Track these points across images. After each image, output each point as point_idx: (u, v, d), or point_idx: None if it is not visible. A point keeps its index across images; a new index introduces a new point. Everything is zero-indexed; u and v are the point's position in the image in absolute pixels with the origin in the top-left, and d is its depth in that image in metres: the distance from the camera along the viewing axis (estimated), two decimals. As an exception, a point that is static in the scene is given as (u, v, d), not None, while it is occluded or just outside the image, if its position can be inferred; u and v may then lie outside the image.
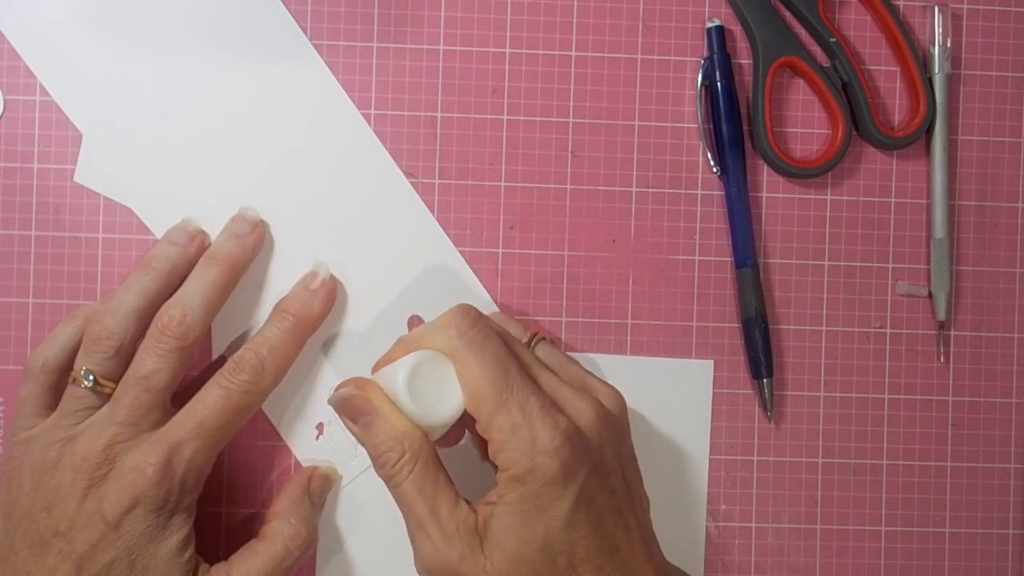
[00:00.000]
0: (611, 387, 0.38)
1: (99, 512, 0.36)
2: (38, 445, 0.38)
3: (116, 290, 0.40)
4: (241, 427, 0.39)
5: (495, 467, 0.35)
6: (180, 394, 0.39)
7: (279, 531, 0.39)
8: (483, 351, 0.35)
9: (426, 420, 0.35)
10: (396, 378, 0.35)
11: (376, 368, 0.38)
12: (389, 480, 0.36)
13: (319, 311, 0.41)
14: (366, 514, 0.43)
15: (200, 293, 0.39)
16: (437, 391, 0.35)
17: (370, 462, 0.43)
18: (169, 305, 0.38)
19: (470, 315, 0.36)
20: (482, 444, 0.37)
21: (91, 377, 0.38)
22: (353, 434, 0.37)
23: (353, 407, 0.36)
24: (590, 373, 0.39)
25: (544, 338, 0.41)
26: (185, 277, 0.41)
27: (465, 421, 0.37)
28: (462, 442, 0.41)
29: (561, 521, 0.34)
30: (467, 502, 0.35)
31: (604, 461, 0.36)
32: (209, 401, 0.37)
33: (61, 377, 0.39)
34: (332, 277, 0.42)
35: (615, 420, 0.37)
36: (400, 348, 0.37)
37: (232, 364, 0.38)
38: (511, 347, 0.37)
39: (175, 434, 0.37)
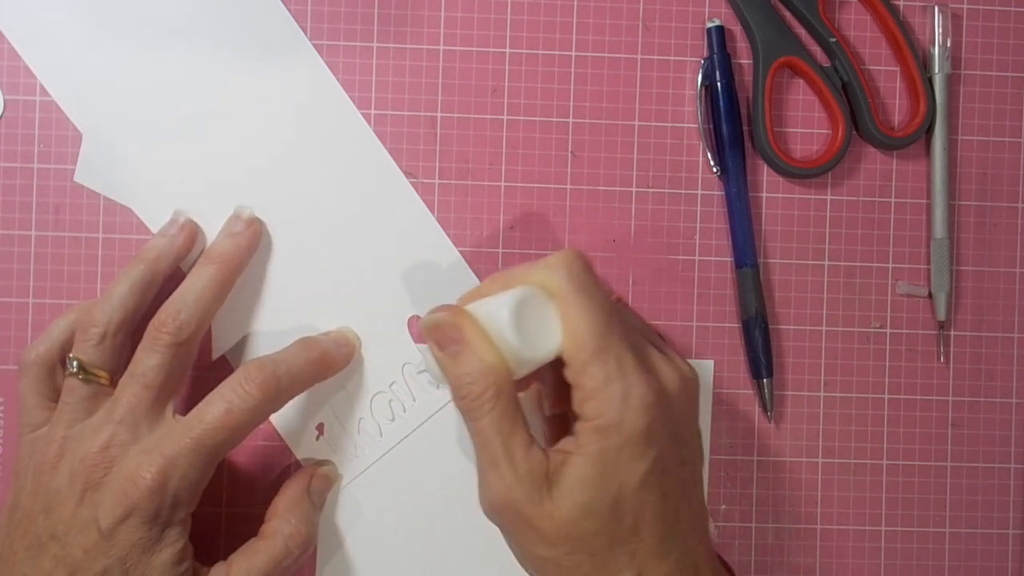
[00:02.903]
0: (687, 363, 0.38)
1: (94, 519, 0.36)
2: (41, 444, 0.38)
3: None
4: (243, 440, 0.38)
5: (552, 428, 0.34)
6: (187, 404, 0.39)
7: (279, 530, 0.39)
8: (591, 298, 0.34)
9: (523, 356, 0.35)
10: (501, 311, 0.34)
11: (465, 300, 0.37)
12: (468, 413, 0.35)
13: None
14: (366, 514, 0.43)
15: (195, 291, 0.39)
16: (535, 329, 0.35)
17: (369, 463, 0.43)
18: (166, 305, 0.39)
19: (581, 260, 0.35)
20: (555, 392, 0.36)
21: (75, 363, 0.38)
22: (437, 361, 0.36)
23: (443, 334, 0.35)
24: (667, 344, 0.39)
25: (627, 305, 0.40)
26: (174, 266, 0.41)
27: (545, 367, 0.36)
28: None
29: (637, 481, 0.34)
30: (540, 447, 0.35)
31: (681, 430, 0.36)
32: (208, 416, 0.37)
33: (55, 369, 0.39)
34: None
35: (694, 392, 0.37)
36: (497, 283, 0.36)
37: (241, 375, 0.38)
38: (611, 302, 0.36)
39: (172, 446, 0.36)
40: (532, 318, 0.35)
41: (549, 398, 0.40)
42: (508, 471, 0.34)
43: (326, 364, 0.41)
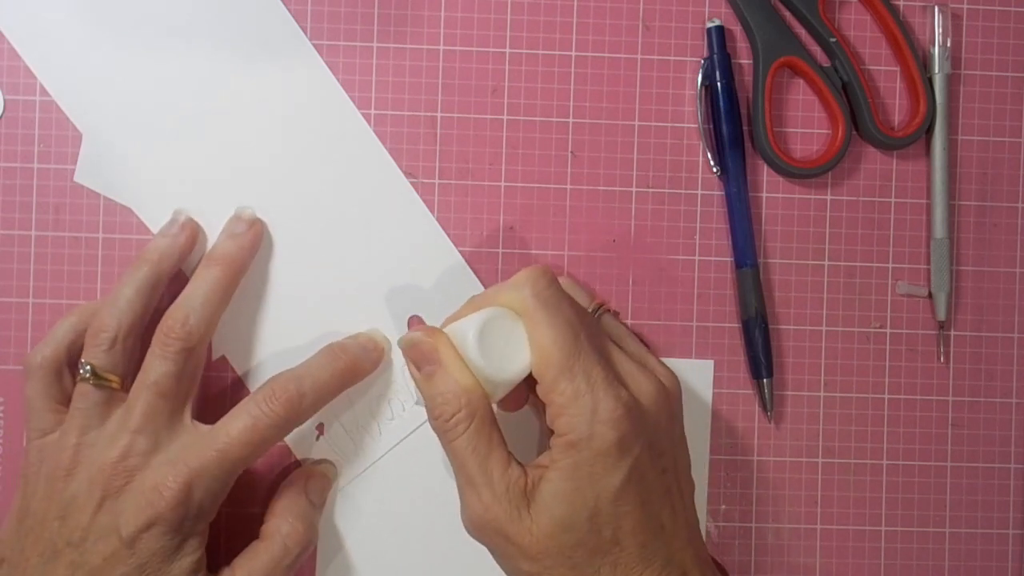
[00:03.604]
0: (668, 368, 0.38)
1: (114, 527, 0.36)
2: (52, 450, 0.38)
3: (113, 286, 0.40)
4: (266, 452, 0.38)
5: (550, 431, 0.35)
6: (205, 411, 0.39)
7: (276, 530, 0.39)
8: (556, 314, 0.35)
9: (492, 377, 0.35)
10: (467, 333, 0.35)
11: (445, 324, 0.37)
12: (443, 435, 0.35)
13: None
14: (366, 514, 0.43)
15: (201, 294, 0.39)
16: (505, 349, 0.35)
17: (369, 463, 0.43)
18: (172, 309, 0.39)
19: (546, 276, 0.36)
20: (541, 407, 0.37)
21: (88, 367, 0.38)
22: (414, 380, 0.36)
23: (420, 353, 0.36)
24: (649, 352, 0.39)
25: (609, 309, 0.41)
26: (178, 265, 0.41)
27: (528, 383, 0.36)
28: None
29: (611, 493, 0.34)
30: (519, 463, 0.35)
31: (659, 439, 0.36)
32: (234, 430, 0.37)
33: (61, 372, 0.39)
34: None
35: (672, 400, 0.37)
36: (471, 305, 0.37)
37: (266, 392, 0.38)
38: (581, 314, 0.36)
39: (197, 458, 0.36)
40: (499, 338, 0.35)
41: (537, 411, 0.40)
42: (486, 491, 0.34)
43: (353, 372, 0.41)
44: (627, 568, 0.34)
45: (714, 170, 0.44)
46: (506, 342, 0.35)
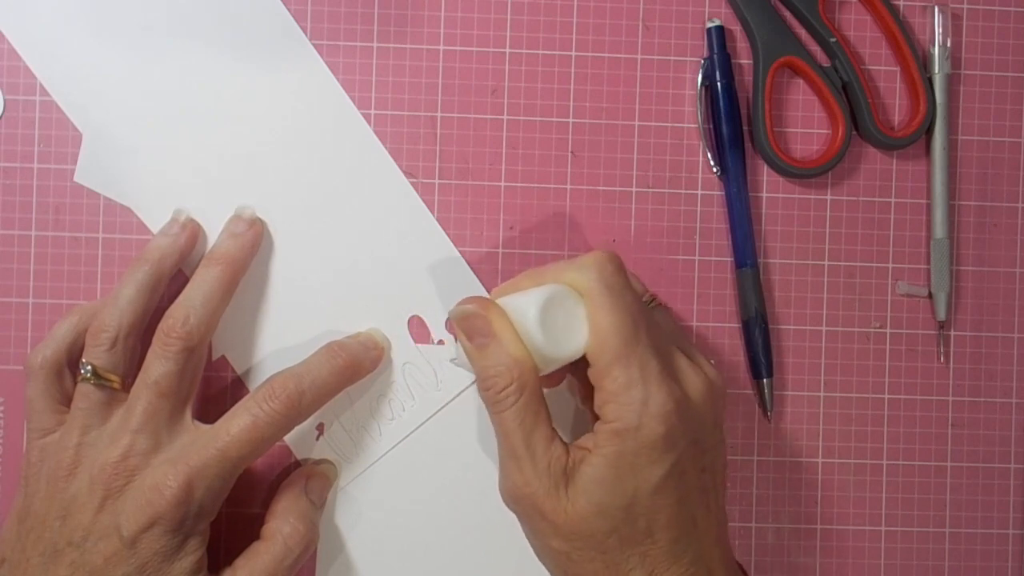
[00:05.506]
0: (714, 368, 0.38)
1: (115, 526, 0.36)
2: (54, 450, 0.38)
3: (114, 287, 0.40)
4: (267, 451, 0.38)
5: (593, 416, 0.35)
6: (205, 411, 0.39)
7: (277, 530, 0.39)
8: (621, 300, 0.35)
9: (547, 354, 0.35)
10: (529, 307, 0.35)
11: (498, 293, 0.37)
12: (492, 405, 0.35)
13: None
14: (366, 514, 0.43)
15: (201, 293, 0.39)
16: (562, 328, 0.35)
17: (369, 463, 0.43)
18: (172, 308, 0.39)
19: (614, 262, 0.36)
20: (584, 388, 0.37)
21: (89, 368, 0.38)
22: (465, 351, 0.36)
23: (472, 325, 0.36)
24: (697, 350, 0.39)
25: (661, 304, 0.40)
26: (178, 265, 0.41)
27: (574, 363, 0.36)
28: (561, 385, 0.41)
29: (652, 485, 0.34)
30: (563, 442, 0.35)
31: (703, 437, 0.36)
32: (234, 429, 0.37)
33: (62, 372, 0.39)
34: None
35: (720, 400, 0.37)
36: (530, 279, 0.37)
37: (266, 390, 0.38)
38: (642, 306, 0.36)
39: (197, 457, 0.36)
40: (560, 317, 0.35)
41: (579, 392, 0.40)
42: (527, 464, 0.34)
43: (353, 370, 0.41)
44: (656, 561, 0.34)
45: (714, 170, 0.44)
46: (563, 321, 0.35)
